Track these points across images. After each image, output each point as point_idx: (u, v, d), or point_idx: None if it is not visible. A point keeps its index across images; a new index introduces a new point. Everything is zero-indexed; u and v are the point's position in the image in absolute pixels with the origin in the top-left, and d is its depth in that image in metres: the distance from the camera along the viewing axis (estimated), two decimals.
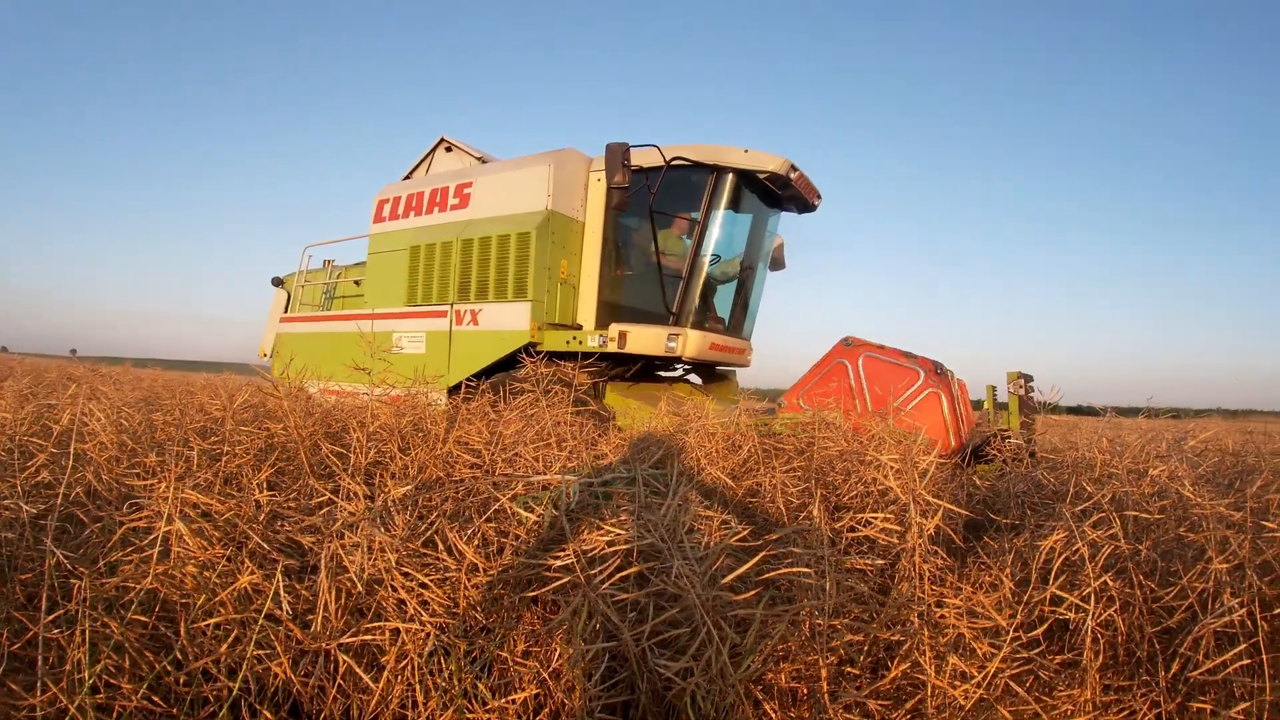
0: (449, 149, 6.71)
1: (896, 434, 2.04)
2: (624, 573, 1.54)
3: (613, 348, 4.99)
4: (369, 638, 1.63)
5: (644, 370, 5.82)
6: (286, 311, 7.78)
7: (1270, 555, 1.62)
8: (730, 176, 5.16)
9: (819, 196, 5.81)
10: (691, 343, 5.10)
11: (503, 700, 1.68)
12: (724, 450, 2.21)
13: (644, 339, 5.06)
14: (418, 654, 1.66)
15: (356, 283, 7.22)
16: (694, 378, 6.55)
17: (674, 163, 5.08)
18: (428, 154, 6.79)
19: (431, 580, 1.68)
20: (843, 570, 1.68)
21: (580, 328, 5.43)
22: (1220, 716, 1.57)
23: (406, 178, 6.81)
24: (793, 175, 5.30)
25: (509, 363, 5.42)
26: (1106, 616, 1.64)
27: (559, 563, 1.65)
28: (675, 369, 6.37)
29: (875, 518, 1.72)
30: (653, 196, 5.08)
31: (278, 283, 8.17)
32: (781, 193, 5.60)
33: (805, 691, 1.63)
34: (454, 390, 5.55)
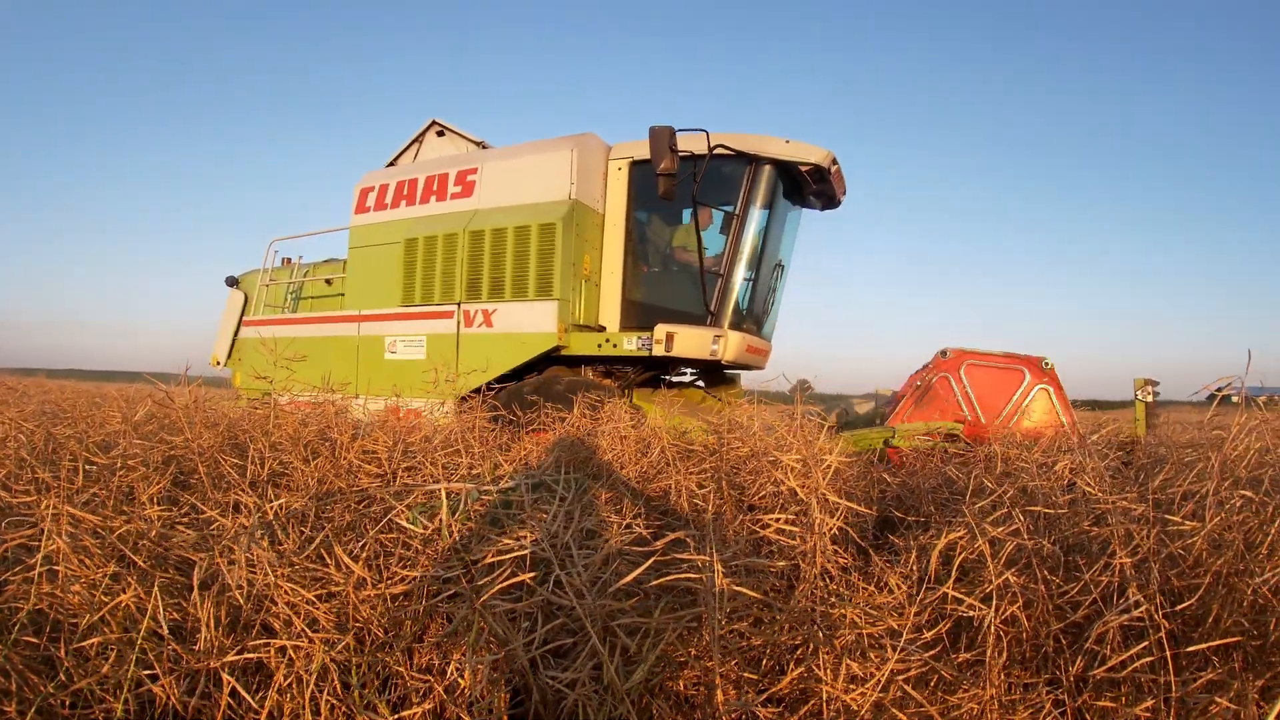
0: (441, 133, 6.12)
1: (804, 434, 2.00)
2: (509, 581, 1.49)
3: (659, 351, 4.55)
4: (253, 655, 1.58)
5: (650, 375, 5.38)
6: (245, 314, 7.15)
7: (1175, 548, 1.59)
8: (768, 168, 4.80)
9: (845, 192, 5.45)
10: (732, 345, 4.71)
11: (398, 716, 1.63)
12: (636, 453, 2.16)
13: (691, 341, 4.59)
14: (306, 671, 1.61)
15: (328, 281, 6.65)
16: (698, 381, 6.14)
17: (716, 151, 4.63)
18: (416, 139, 6.20)
19: (320, 595, 1.63)
20: (742, 573, 1.64)
21: (603, 329, 4.98)
22: (1125, 714, 1.54)
23: (391, 164, 6.21)
24: (833, 168, 4.98)
25: (524, 370, 4.93)
26: (1010, 613, 1.61)
27: (449, 573, 1.60)
28: (684, 373, 5.96)
29: (775, 518, 1.67)
30: (696, 185, 4.61)
31: (233, 283, 7.47)
32: (816, 186, 5.18)
33: (703, 697, 1.59)
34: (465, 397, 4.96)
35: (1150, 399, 4.03)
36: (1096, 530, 1.60)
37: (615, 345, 4.76)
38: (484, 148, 5.86)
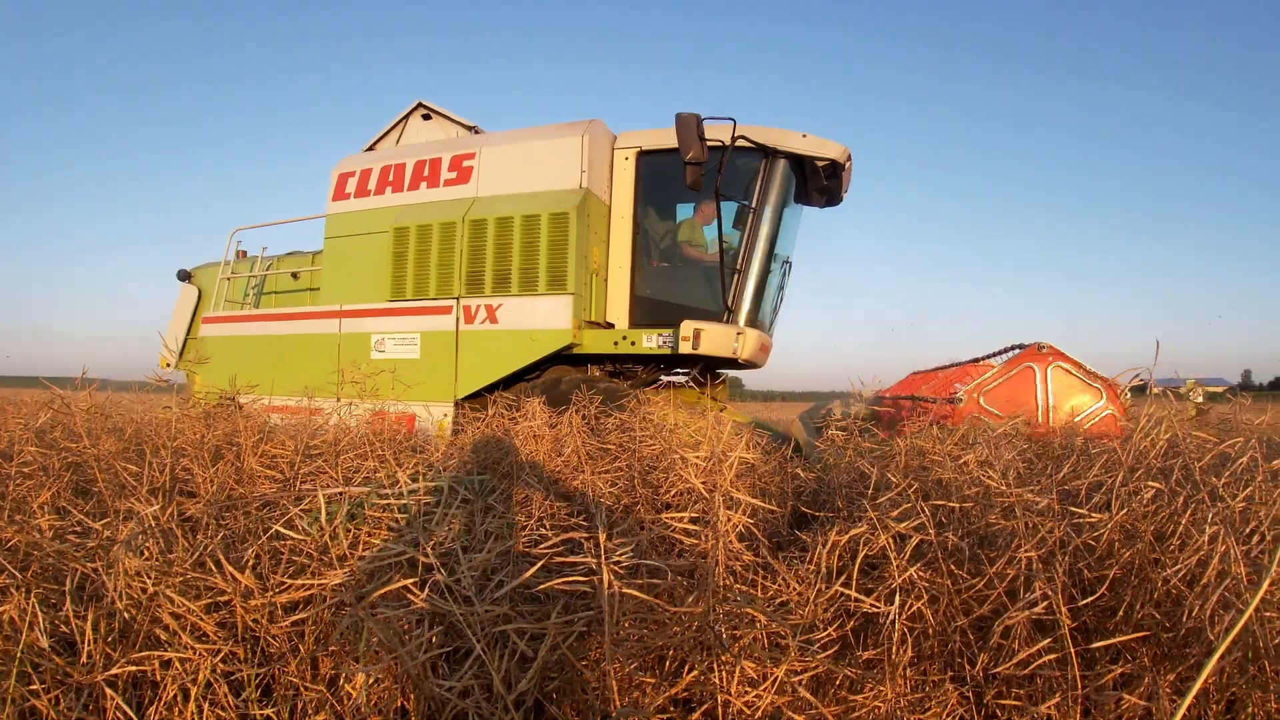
0: (427, 116, 5.73)
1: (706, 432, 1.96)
2: (387, 588, 1.44)
3: (686, 349, 4.37)
4: (135, 668, 1.53)
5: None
6: (201, 311, 6.57)
7: (1084, 541, 1.54)
8: (784, 162, 4.66)
9: (847, 190, 5.31)
10: (750, 342, 4.58)
11: None
12: (550, 453, 2.10)
13: (717, 339, 4.42)
14: (192, 683, 1.56)
15: (294, 275, 6.26)
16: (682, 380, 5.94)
17: (737, 142, 4.45)
18: (399, 121, 5.82)
19: (208, 604, 1.58)
20: (644, 573, 1.59)
21: (611, 326, 4.79)
22: (1029, 713, 1.49)
23: (370, 149, 5.83)
24: (847, 164, 4.87)
25: (528, 370, 4.67)
26: (915, 609, 1.56)
27: (335, 580, 1.55)
28: (677, 372, 5.72)
29: (678, 516, 1.62)
30: (721, 177, 4.44)
31: (185, 277, 6.89)
32: (826, 182, 5.03)
33: (600, 702, 1.54)
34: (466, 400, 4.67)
35: (1200, 399, 4.20)
36: (1005, 523, 1.55)
37: (634, 343, 4.53)
38: (476, 132, 5.52)
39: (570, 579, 1.46)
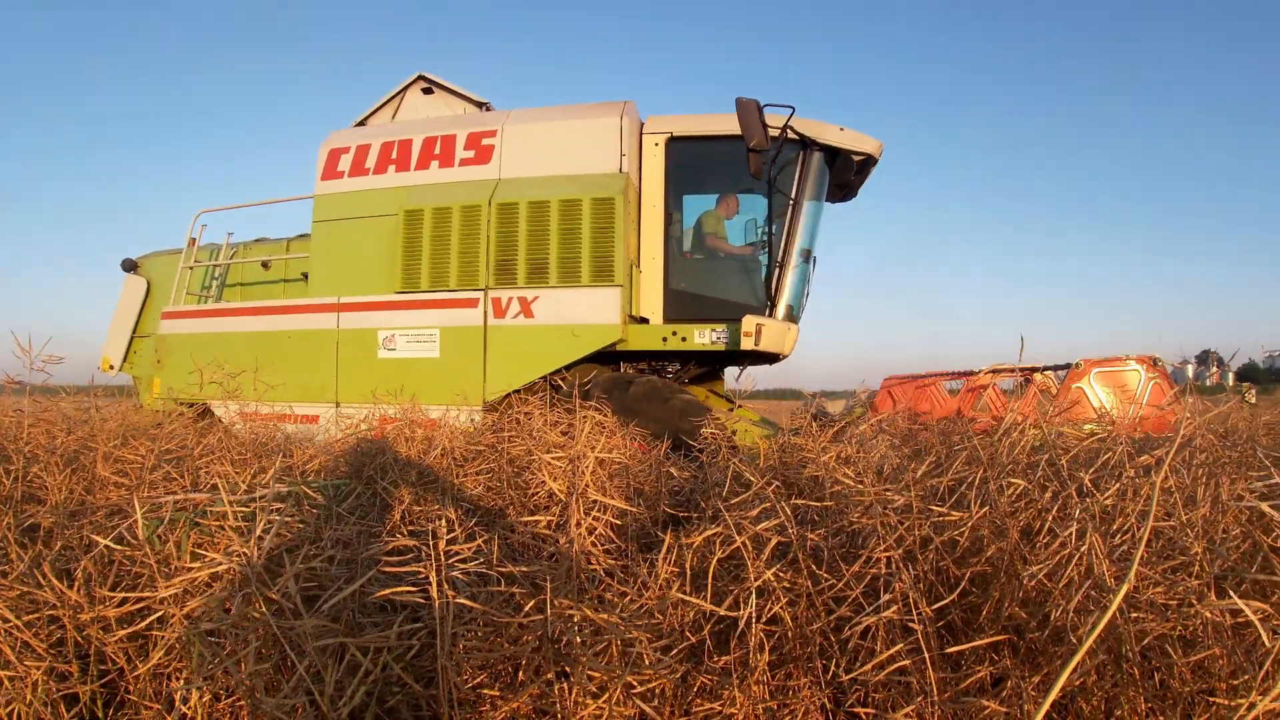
0: (429, 90, 5.29)
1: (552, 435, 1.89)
2: (198, 601, 1.37)
3: (748, 345, 4.17)
4: None
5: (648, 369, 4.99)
6: (148, 304, 6.02)
7: (943, 540, 1.48)
8: (819, 154, 4.51)
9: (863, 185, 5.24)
10: (793, 338, 4.43)
11: None
12: (419, 454, 2.03)
13: (774, 335, 4.24)
14: (23, 703, 1.49)
15: (265, 264, 5.75)
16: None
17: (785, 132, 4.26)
18: (396, 95, 5.34)
19: (35, 618, 1.50)
20: (495, 581, 1.52)
21: (645, 321, 4.52)
22: (886, 718, 1.44)
23: (361, 123, 5.37)
24: (878, 160, 4.77)
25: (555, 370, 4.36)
26: (774, 611, 1.50)
27: (166, 593, 1.47)
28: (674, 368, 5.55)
29: (534, 520, 1.55)
30: (771, 167, 4.30)
31: (131, 267, 6.20)
32: (854, 177, 4.93)
33: (434, 718, 1.48)
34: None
35: (1250, 396, 4.52)
36: (867, 521, 1.49)
37: (684, 339, 4.32)
38: (486, 109, 5.17)
39: (399, 590, 1.39)
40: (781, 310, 4.48)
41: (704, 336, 4.31)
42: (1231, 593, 1.40)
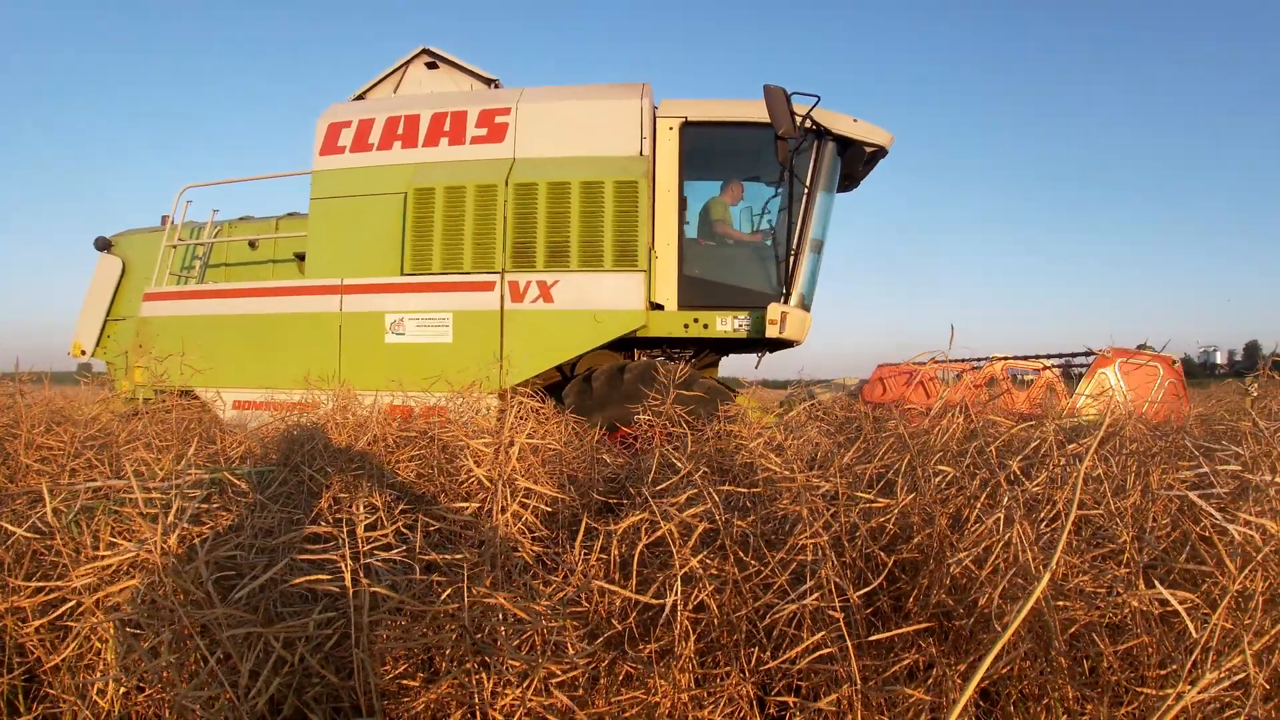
0: (433, 65, 5.11)
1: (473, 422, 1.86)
2: (111, 590, 1.34)
3: (773, 333, 4.21)
4: None
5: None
6: (123, 285, 5.68)
7: (868, 528, 1.47)
8: (832, 145, 4.54)
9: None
10: (807, 326, 4.49)
11: None
12: (351, 440, 2.00)
13: (797, 323, 4.30)
14: None
15: (252, 244, 5.52)
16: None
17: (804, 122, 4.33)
18: (397, 68, 5.15)
19: None
20: (417, 570, 1.50)
21: (660, 307, 4.49)
22: (806, 709, 1.43)
23: (359, 97, 5.16)
24: (887, 152, 4.79)
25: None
26: (700, 599, 1.48)
27: (79, 581, 1.44)
28: (675, 354, 5.51)
29: (461, 507, 1.53)
30: (793, 155, 4.32)
31: (105, 246, 5.82)
32: (862, 168, 4.97)
33: (353, 709, 1.45)
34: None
35: (1254, 388, 4.73)
36: (795, 508, 1.48)
37: (706, 325, 4.32)
38: (494, 85, 5.04)
39: (314, 578, 1.36)
40: (795, 298, 4.51)
41: (725, 324, 4.32)
42: (1157, 583, 1.39)
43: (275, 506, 1.55)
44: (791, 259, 4.47)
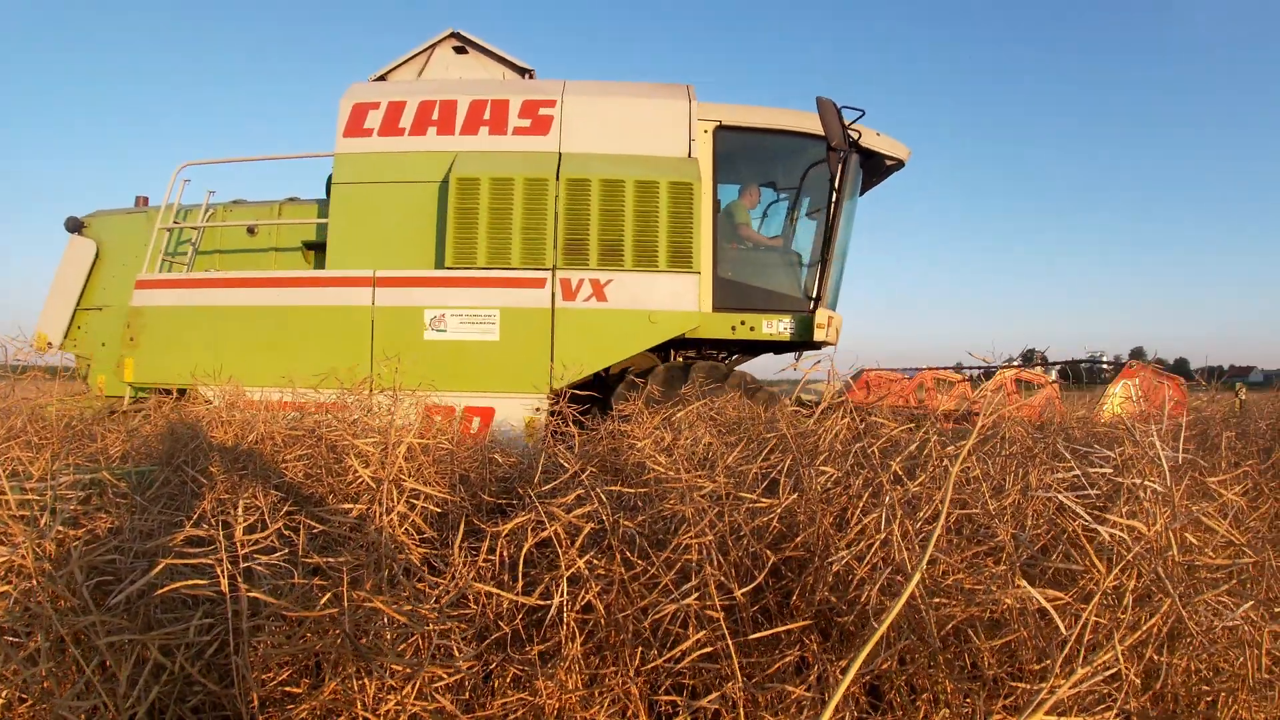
0: (461, 49, 4.90)
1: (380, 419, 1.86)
2: None
3: (820, 336, 4.37)
4: None
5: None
6: (96, 270, 5.15)
7: (753, 527, 1.50)
8: (856, 156, 4.68)
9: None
10: (840, 329, 4.74)
11: None
12: (236, 438, 1.96)
13: (837, 327, 4.58)
14: None
15: (251, 230, 5.12)
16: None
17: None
18: (423, 50, 4.91)
19: None
20: (300, 573, 1.49)
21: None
22: (689, 707, 1.45)
23: (381, 78, 4.89)
24: (904, 165, 5.02)
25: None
26: (587, 599, 1.50)
27: None
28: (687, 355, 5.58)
29: (347, 509, 1.52)
30: (841, 166, 4.54)
31: (76, 226, 5.22)
32: (876, 179, 5.17)
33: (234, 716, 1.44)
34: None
35: (1244, 396, 5.12)
36: (681, 508, 1.49)
37: (753, 328, 4.39)
38: (529, 75, 4.94)
39: (189, 583, 1.35)
40: (827, 303, 4.69)
41: (771, 326, 4.43)
42: (1025, 582, 1.43)
43: (156, 508, 1.52)
44: (825, 265, 4.61)
